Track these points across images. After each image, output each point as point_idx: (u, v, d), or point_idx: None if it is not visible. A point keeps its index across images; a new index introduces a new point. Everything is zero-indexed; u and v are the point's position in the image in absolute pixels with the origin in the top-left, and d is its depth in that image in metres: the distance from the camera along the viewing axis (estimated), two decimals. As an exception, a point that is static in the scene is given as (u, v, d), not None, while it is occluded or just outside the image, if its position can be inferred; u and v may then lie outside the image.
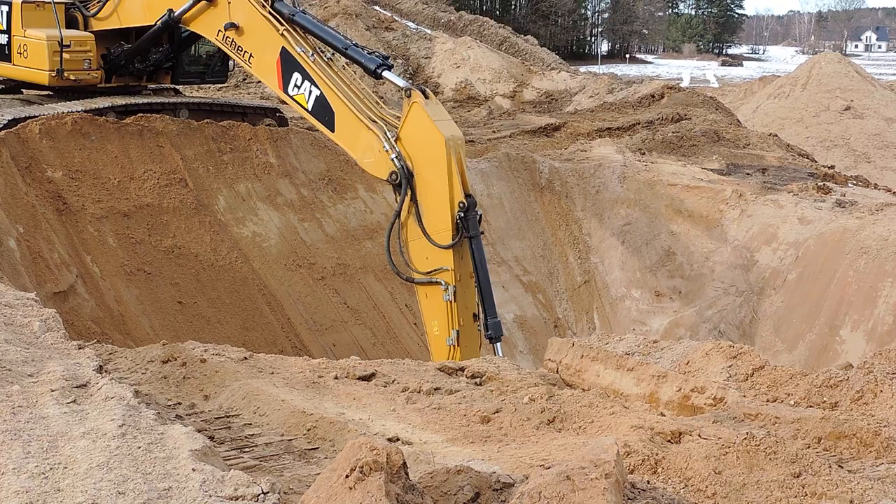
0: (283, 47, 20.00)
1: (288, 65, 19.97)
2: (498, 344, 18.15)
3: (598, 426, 8.95)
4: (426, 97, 18.37)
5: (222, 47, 21.90)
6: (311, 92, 19.58)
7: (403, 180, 18.12)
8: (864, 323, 22.56)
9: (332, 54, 19.95)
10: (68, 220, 21.37)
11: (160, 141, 23.51)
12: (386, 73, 19.33)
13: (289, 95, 20.06)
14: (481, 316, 18.17)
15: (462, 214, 17.77)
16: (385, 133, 18.45)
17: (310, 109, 19.71)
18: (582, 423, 9.16)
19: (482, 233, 18.40)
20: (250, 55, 20.98)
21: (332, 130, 19.47)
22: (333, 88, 19.27)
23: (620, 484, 6.02)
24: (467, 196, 17.92)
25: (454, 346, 17.81)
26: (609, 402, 9.92)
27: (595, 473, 5.83)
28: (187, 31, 24.83)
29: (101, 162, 22.41)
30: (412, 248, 18.37)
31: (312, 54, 19.71)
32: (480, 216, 18.34)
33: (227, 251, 23.05)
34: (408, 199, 18.19)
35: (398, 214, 18.36)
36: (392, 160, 18.19)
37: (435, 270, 17.96)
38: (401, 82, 19.15)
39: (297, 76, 19.81)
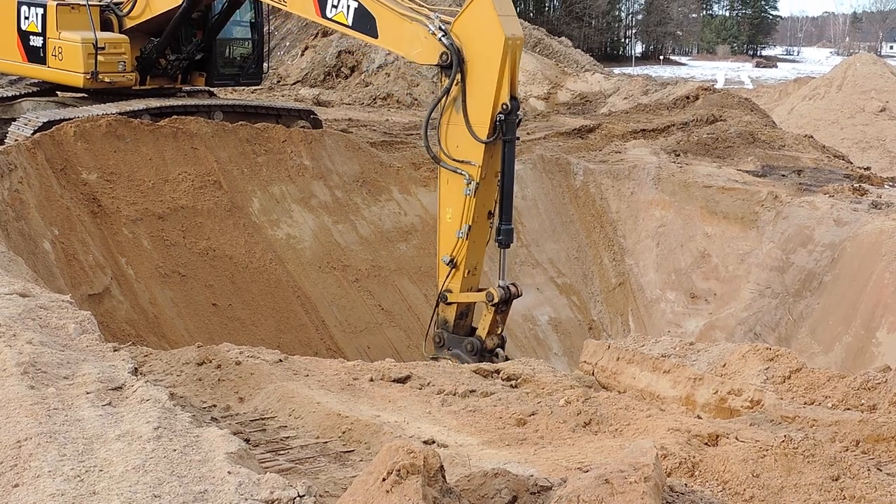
0: None
1: None
2: (505, 251, 18.06)
3: (635, 429, 8.92)
4: None
5: None
6: (348, 7, 19.16)
7: (454, 57, 17.42)
8: (902, 325, 22.41)
9: None
10: (103, 222, 21.44)
11: (195, 143, 23.56)
12: None
13: (328, 19, 19.73)
14: (496, 220, 18.01)
15: (503, 117, 17.31)
16: (429, 18, 17.88)
17: (350, 24, 19.30)
18: (618, 426, 9.13)
19: (518, 138, 17.94)
20: None
21: (376, 37, 19.03)
22: None
23: (660, 487, 5.99)
24: (512, 98, 17.35)
25: (463, 239, 17.75)
26: (645, 404, 9.90)
27: (634, 477, 5.80)
28: (217, 14, 25.04)
29: (136, 164, 22.48)
30: (448, 132, 17.92)
31: None
32: (520, 120, 17.86)
33: (262, 253, 23.08)
34: (455, 85, 17.63)
35: (446, 92, 17.72)
36: (440, 40, 17.51)
37: (463, 161, 17.72)
38: None
39: None
